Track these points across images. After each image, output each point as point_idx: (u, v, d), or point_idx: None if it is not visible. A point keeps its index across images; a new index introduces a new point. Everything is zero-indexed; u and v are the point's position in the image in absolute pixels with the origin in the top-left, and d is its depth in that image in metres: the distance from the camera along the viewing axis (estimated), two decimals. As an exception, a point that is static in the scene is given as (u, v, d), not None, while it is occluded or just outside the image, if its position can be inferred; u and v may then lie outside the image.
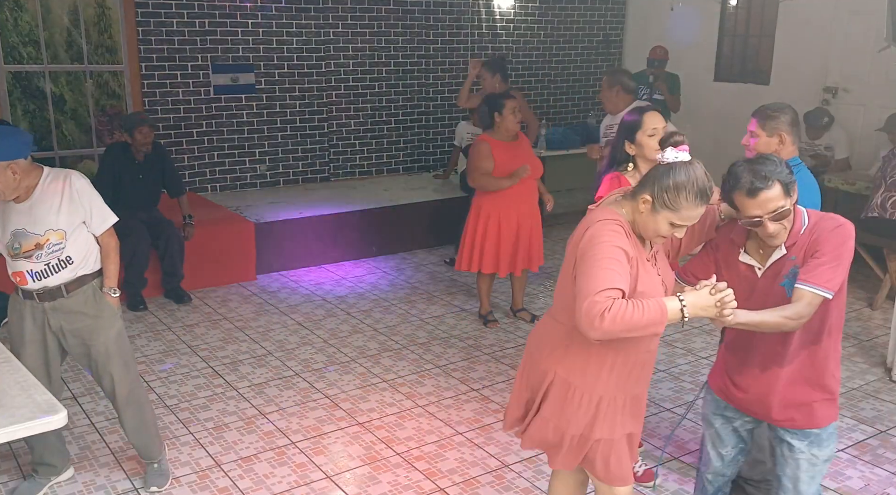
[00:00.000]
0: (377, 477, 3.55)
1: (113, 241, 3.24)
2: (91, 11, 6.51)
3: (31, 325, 3.19)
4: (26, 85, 6.38)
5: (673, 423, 4.06)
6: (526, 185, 5.02)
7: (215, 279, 6.04)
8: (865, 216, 5.75)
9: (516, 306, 5.48)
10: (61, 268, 3.11)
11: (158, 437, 3.49)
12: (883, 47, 7.04)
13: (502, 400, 4.29)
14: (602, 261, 2.20)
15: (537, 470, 3.62)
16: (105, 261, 3.23)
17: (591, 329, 2.14)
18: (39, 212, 3.03)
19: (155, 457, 3.46)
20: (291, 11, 7.27)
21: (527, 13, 8.73)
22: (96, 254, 3.22)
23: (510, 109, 4.89)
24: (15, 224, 3.04)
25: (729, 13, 8.66)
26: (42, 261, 3.07)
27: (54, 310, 3.16)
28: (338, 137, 7.80)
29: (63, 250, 3.09)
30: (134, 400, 3.36)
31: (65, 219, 3.07)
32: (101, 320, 3.22)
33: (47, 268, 3.09)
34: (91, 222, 3.15)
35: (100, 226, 3.18)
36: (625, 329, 2.13)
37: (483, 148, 4.94)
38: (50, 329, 3.19)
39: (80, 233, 3.13)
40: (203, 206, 6.50)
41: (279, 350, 4.91)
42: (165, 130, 6.85)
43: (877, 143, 6.81)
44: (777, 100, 8.71)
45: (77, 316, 3.19)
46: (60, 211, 3.05)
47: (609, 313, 2.10)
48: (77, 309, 3.18)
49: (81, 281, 3.17)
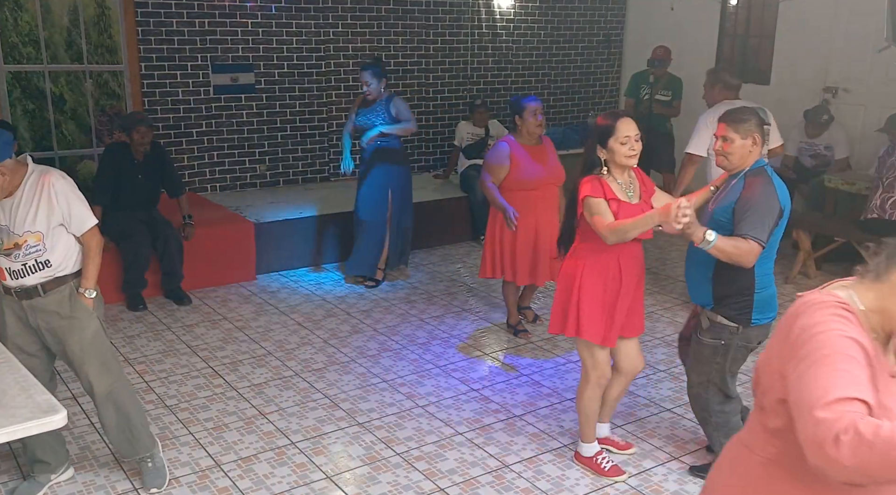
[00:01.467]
0: (377, 478, 3.55)
1: (94, 241, 3.19)
2: (91, 11, 6.51)
3: (12, 319, 3.21)
4: (26, 85, 6.38)
5: (673, 423, 4.06)
6: (546, 192, 4.83)
7: (215, 279, 6.03)
8: (865, 218, 5.76)
9: (523, 303, 5.39)
10: (38, 270, 3.10)
11: (143, 440, 3.40)
12: (883, 47, 7.04)
13: (502, 400, 4.30)
14: (829, 359, 1.49)
15: (537, 470, 3.62)
16: (85, 260, 3.19)
17: (824, 461, 1.39)
18: (20, 213, 3.02)
19: (130, 456, 3.41)
20: (291, 11, 7.27)
21: (527, 13, 8.73)
22: (77, 254, 3.19)
23: (531, 112, 4.73)
24: (0, 220, 3.04)
25: (729, 13, 8.67)
26: (19, 261, 3.06)
27: (31, 308, 3.16)
28: (338, 137, 7.79)
29: (42, 253, 3.07)
30: (112, 400, 3.31)
31: (42, 221, 3.04)
32: (74, 321, 3.19)
33: (24, 268, 3.08)
34: (70, 224, 3.11)
35: (79, 229, 3.14)
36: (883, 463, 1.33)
37: (501, 151, 4.79)
38: (30, 325, 3.21)
39: (60, 234, 3.10)
40: (203, 206, 6.49)
41: (279, 350, 4.90)
42: (165, 130, 6.84)
43: (877, 144, 6.80)
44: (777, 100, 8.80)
45: (52, 315, 3.17)
46: (38, 212, 3.02)
47: (848, 436, 1.36)
48: (52, 308, 3.16)
49: (59, 281, 3.15)
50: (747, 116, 3.16)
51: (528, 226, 4.81)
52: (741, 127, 3.13)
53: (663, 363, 4.78)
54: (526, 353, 4.92)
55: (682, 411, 4.18)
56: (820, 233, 6.27)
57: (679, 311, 5.63)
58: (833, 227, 6.17)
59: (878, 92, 7.35)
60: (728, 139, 3.15)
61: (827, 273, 6.47)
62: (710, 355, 3.30)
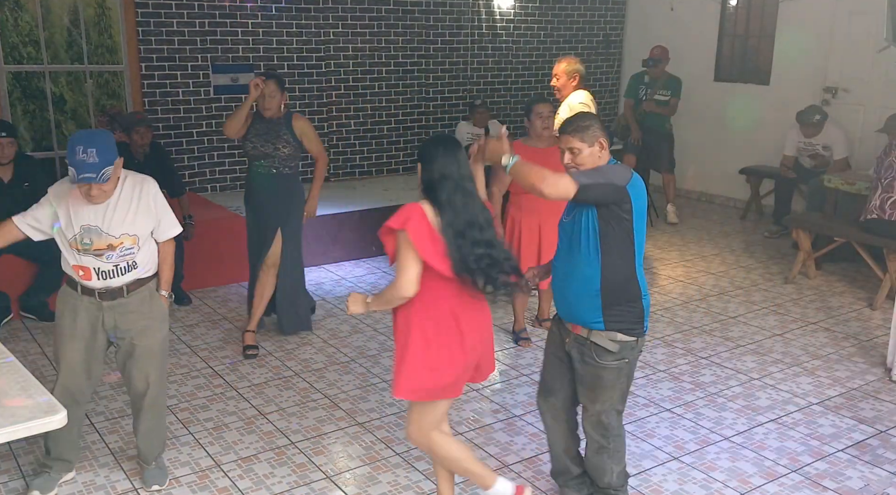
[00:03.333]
0: (377, 478, 3.55)
1: (171, 247, 3.36)
2: (91, 11, 6.52)
3: (83, 322, 3.23)
4: (26, 85, 6.38)
5: (673, 423, 4.06)
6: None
7: (215, 279, 6.04)
8: (865, 218, 5.76)
9: (542, 316, 5.30)
10: (127, 272, 3.19)
11: (163, 442, 3.54)
12: (883, 47, 7.03)
13: (502, 400, 4.30)
14: None
15: (537, 470, 3.62)
16: (162, 265, 3.34)
17: None
18: (117, 215, 3.10)
19: (152, 461, 3.48)
20: (291, 11, 7.27)
21: (527, 13, 8.74)
22: (155, 257, 3.31)
23: (537, 114, 4.73)
24: (87, 219, 3.09)
25: (729, 13, 8.67)
26: (112, 261, 3.14)
27: (111, 308, 3.22)
28: (338, 137, 7.80)
29: (134, 255, 3.18)
30: (156, 405, 3.42)
31: (140, 225, 3.16)
32: (153, 321, 3.31)
33: (115, 269, 3.16)
34: (158, 230, 3.26)
35: (164, 235, 3.29)
36: None
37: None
38: (103, 326, 3.25)
39: (149, 239, 3.24)
40: (203, 206, 6.50)
41: (279, 350, 4.91)
42: (165, 130, 6.85)
43: (877, 144, 6.81)
44: (777, 100, 8.78)
45: (132, 315, 3.25)
46: (138, 216, 3.14)
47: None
48: (134, 308, 3.26)
49: (141, 282, 3.26)
50: (588, 122, 2.94)
51: (530, 228, 4.80)
52: (587, 135, 2.91)
53: (663, 363, 4.78)
54: (526, 353, 4.92)
55: (682, 411, 4.18)
56: (820, 233, 6.27)
57: (679, 311, 5.63)
58: (833, 227, 6.17)
59: (878, 92, 7.36)
60: (575, 150, 2.93)
61: (827, 273, 6.47)
62: (614, 378, 2.98)
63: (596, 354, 2.95)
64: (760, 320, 5.48)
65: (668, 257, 6.94)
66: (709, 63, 8.78)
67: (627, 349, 2.95)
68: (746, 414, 4.16)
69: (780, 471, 3.63)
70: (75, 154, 2.92)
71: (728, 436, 3.93)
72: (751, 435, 3.94)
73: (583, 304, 2.94)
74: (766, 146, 8.06)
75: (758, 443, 3.87)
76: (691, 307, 5.73)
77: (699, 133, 8.79)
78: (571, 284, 2.97)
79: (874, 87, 7.40)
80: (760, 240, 7.51)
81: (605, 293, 2.90)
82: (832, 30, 7.65)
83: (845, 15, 7.53)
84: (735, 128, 8.47)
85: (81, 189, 3.00)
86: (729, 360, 4.82)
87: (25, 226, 3.17)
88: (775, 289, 6.14)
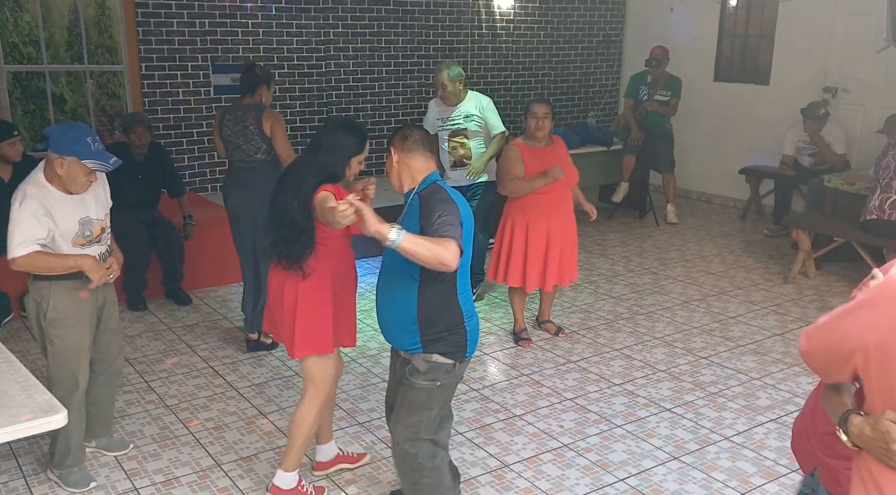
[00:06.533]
0: (377, 477, 3.56)
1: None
2: (91, 11, 6.52)
3: (90, 310, 3.37)
4: (26, 85, 6.38)
5: (673, 423, 4.07)
6: (557, 195, 4.75)
7: (215, 279, 6.04)
8: (864, 218, 5.76)
9: (542, 317, 5.29)
10: (110, 251, 3.41)
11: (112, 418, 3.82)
12: (883, 47, 7.04)
13: (502, 400, 4.30)
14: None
15: (537, 470, 3.62)
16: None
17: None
18: (98, 200, 3.29)
19: (104, 434, 3.71)
20: (291, 11, 7.28)
21: (527, 13, 8.74)
22: None
23: (530, 114, 4.74)
24: (79, 213, 3.19)
25: (729, 13, 8.68)
26: (104, 243, 3.35)
27: (103, 287, 3.39)
28: (338, 137, 7.79)
29: (110, 232, 3.41)
30: (117, 373, 3.73)
31: (105, 204, 3.37)
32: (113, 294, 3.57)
33: (108, 248, 3.39)
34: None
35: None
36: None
37: (512, 152, 4.75)
38: (96, 306, 3.41)
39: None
40: (203, 206, 6.50)
41: (279, 350, 4.91)
42: (165, 130, 6.85)
43: (877, 144, 6.82)
44: (777, 100, 8.76)
45: (108, 288, 3.47)
46: (107, 197, 3.38)
47: None
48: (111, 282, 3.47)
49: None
50: (408, 132, 2.91)
51: (538, 229, 4.78)
52: (405, 145, 2.89)
53: (663, 363, 4.78)
54: (526, 353, 4.93)
55: (682, 411, 4.19)
56: (820, 233, 6.28)
57: (679, 311, 5.64)
58: (833, 227, 6.17)
59: (878, 92, 7.36)
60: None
61: (827, 273, 6.47)
62: (424, 401, 2.83)
63: (409, 373, 2.84)
64: (760, 320, 5.48)
65: (668, 257, 6.94)
66: (709, 63, 8.79)
67: (441, 371, 2.81)
68: (746, 413, 4.16)
69: (780, 471, 3.63)
70: (89, 145, 3.08)
71: (728, 436, 3.93)
72: (751, 435, 3.95)
73: (401, 330, 2.84)
74: (767, 146, 8.06)
75: (758, 443, 3.87)
76: (691, 307, 5.73)
77: (699, 133, 8.79)
78: (391, 309, 2.87)
79: (874, 87, 7.40)
80: (760, 239, 7.51)
81: (422, 320, 2.78)
82: (832, 30, 7.66)
83: (845, 15, 7.53)
84: (735, 128, 8.49)
85: (81, 180, 3.12)
86: (729, 360, 4.83)
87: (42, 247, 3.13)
88: (775, 288, 6.14)
